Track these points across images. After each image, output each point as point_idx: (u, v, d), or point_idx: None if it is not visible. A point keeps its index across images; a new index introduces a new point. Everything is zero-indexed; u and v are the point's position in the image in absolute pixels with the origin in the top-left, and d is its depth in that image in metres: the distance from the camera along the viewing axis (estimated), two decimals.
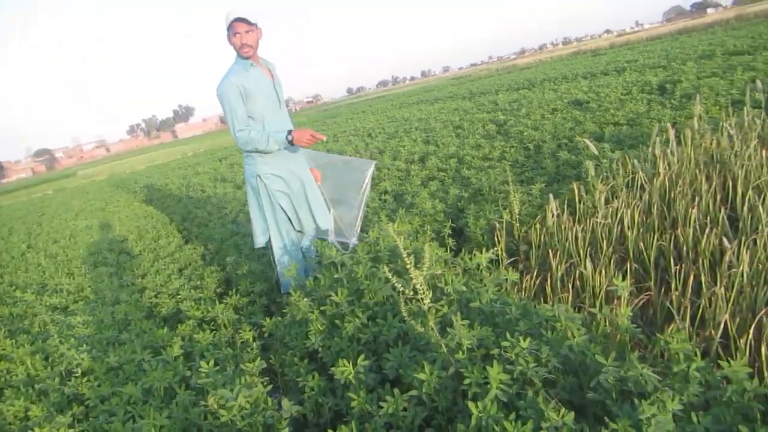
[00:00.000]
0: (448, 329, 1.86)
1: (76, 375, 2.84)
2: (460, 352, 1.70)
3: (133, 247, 6.41)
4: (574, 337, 1.61)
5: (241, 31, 3.09)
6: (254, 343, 2.98)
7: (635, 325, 1.69)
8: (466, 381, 1.60)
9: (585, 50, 42.94)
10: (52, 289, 5.27)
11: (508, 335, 1.63)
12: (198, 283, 4.32)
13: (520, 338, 1.60)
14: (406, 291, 1.97)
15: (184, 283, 4.33)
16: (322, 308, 2.58)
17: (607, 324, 1.85)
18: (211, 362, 2.37)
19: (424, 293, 1.90)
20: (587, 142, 3.62)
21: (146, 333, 3.35)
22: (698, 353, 1.41)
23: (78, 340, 3.38)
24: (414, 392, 1.71)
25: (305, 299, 2.62)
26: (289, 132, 3.17)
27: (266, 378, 2.42)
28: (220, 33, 3.20)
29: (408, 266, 1.91)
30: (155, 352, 2.93)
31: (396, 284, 1.99)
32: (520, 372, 1.55)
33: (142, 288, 4.53)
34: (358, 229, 3.72)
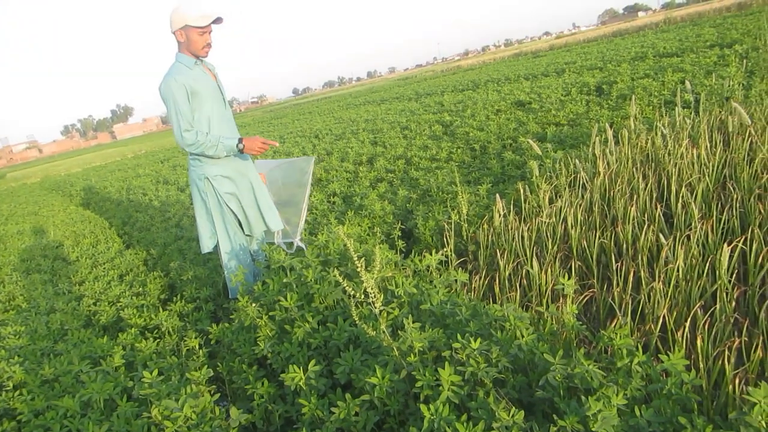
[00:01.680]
0: (399, 332, 1.86)
1: (7, 389, 2.69)
2: (411, 355, 1.71)
3: (70, 253, 6.12)
4: (523, 336, 1.64)
5: (209, 30, 3.02)
6: (201, 351, 2.89)
7: (580, 323, 1.74)
8: (419, 384, 1.61)
9: (526, 52, 43.96)
10: None
11: (459, 336, 1.64)
12: (140, 289, 4.18)
13: (471, 339, 1.61)
14: (358, 294, 1.96)
15: (125, 289, 4.17)
16: (271, 313, 2.53)
17: (554, 322, 1.89)
18: (155, 372, 2.29)
19: (375, 296, 1.89)
20: (531, 142, 3.71)
21: (84, 343, 3.20)
22: (639, 348, 1.46)
23: (9, 351, 3.21)
24: (366, 397, 1.71)
25: (253, 305, 2.57)
26: (240, 140, 3.11)
27: (213, 386, 2.36)
28: (164, 28, 3.10)
29: (359, 269, 1.91)
30: (94, 362, 2.81)
31: (347, 288, 1.98)
32: (471, 373, 1.56)
33: (79, 295, 4.34)
34: (302, 228, 3.68)
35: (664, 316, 1.94)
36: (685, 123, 3.81)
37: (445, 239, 3.18)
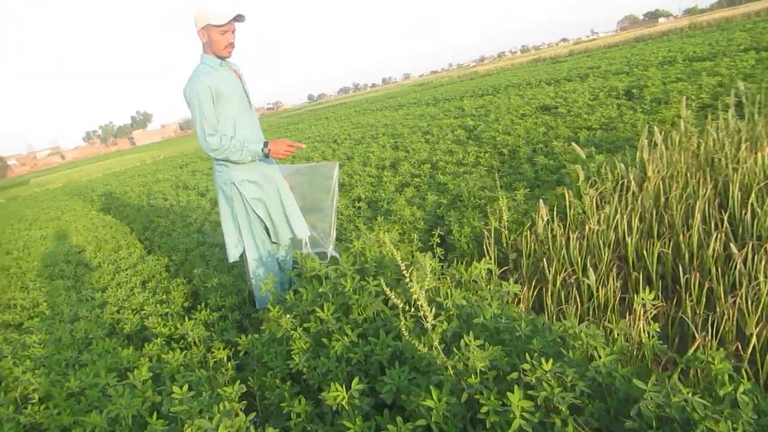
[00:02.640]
0: (454, 349, 1.69)
1: (33, 402, 2.59)
2: (472, 375, 1.53)
3: (92, 259, 6.04)
4: (600, 357, 1.45)
5: (231, 29, 2.90)
6: (229, 363, 2.74)
7: (661, 342, 1.55)
8: (484, 409, 1.43)
9: (545, 57, 43.67)
10: (4, 305, 4.93)
11: (527, 356, 1.47)
12: (163, 297, 4.06)
13: (542, 360, 1.44)
14: (407, 307, 1.80)
15: (149, 297, 4.06)
16: (305, 325, 2.37)
17: (625, 340, 1.70)
18: (185, 387, 2.15)
19: (425, 309, 1.73)
20: (575, 146, 3.52)
21: (109, 353, 3.08)
22: (745, 374, 1.27)
23: (34, 361, 3.10)
24: (422, 422, 1.53)
25: (287, 316, 2.41)
26: (265, 144, 2.97)
27: (245, 402, 2.21)
28: (182, 36, 2.99)
29: (407, 280, 1.74)
30: (120, 374, 2.68)
31: (394, 298, 1.82)
32: (545, 398, 1.38)
33: (102, 303, 4.23)
34: (334, 236, 3.54)
35: (749, 336, 1.74)
36: (738, 126, 3.59)
37: (485, 247, 3.00)
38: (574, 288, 2.45)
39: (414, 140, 8.98)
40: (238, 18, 2.94)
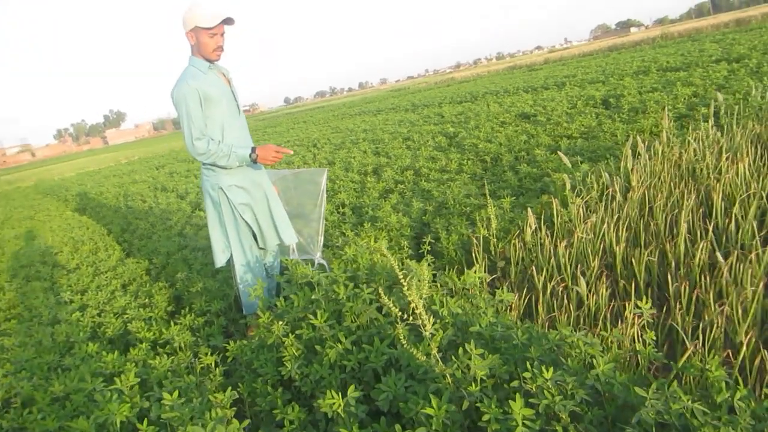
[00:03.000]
0: (453, 357, 1.71)
1: (15, 406, 2.53)
2: (473, 383, 1.55)
3: (69, 260, 5.92)
4: (599, 365, 1.48)
5: (220, 32, 2.87)
6: (217, 370, 2.72)
7: (656, 350, 1.59)
8: (485, 417, 1.45)
9: (521, 65, 44.15)
10: None
11: (528, 365, 1.49)
12: (146, 300, 4.00)
13: (543, 368, 1.46)
14: (395, 314, 1.80)
15: (131, 300, 3.99)
16: (297, 332, 2.36)
17: (618, 347, 1.74)
18: (175, 393, 2.12)
19: (424, 317, 1.74)
20: (561, 155, 3.58)
21: (92, 357, 3.03)
22: (740, 380, 1.31)
23: (15, 365, 3.03)
24: (423, 430, 1.54)
25: (279, 322, 2.40)
26: (253, 149, 2.95)
27: (234, 408, 2.19)
28: (159, 37, 2.96)
29: (406, 288, 1.75)
30: (106, 379, 2.63)
31: (391, 306, 1.83)
32: (546, 406, 1.41)
33: (82, 305, 4.15)
34: (321, 243, 3.54)
35: (738, 343, 1.79)
36: (718, 137, 3.69)
37: (473, 255, 3.02)
38: (560, 296, 2.49)
39: (395, 146, 9.00)
40: (227, 21, 2.92)
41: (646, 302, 1.68)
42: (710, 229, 2.59)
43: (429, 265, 3.21)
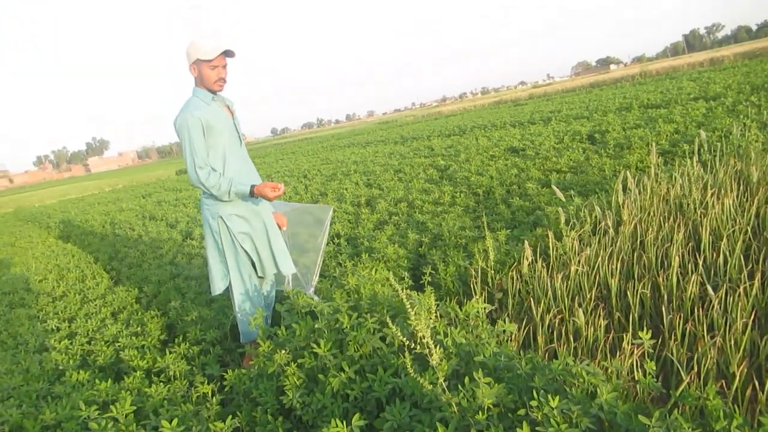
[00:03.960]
0: (459, 386, 1.74)
1: None
2: (480, 412, 1.58)
3: (55, 288, 5.86)
4: (602, 394, 1.53)
5: (221, 64, 2.95)
6: (213, 398, 2.71)
7: (655, 379, 1.64)
8: None
9: (506, 100, 45.03)
10: None
11: (534, 394, 1.53)
12: (138, 329, 3.97)
13: (549, 396, 1.50)
14: (397, 343, 1.84)
15: (122, 328, 3.96)
16: (299, 361, 2.38)
17: (618, 377, 1.79)
18: (175, 422, 2.13)
19: (431, 346, 1.78)
20: (555, 189, 3.67)
21: (84, 385, 3.00)
22: (737, 410, 1.37)
23: (2, 392, 2.99)
24: None
25: (281, 350, 2.42)
26: (252, 188, 2.99)
27: None
28: (144, 64, 3.03)
29: (412, 317, 1.80)
30: (99, 407, 2.60)
31: (399, 336, 1.87)
32: None
33: (71, 333, 4.11)
34: (317, 278, 3.57)
35: (731, 373, 1.86)
36: (702, 173, 3.83)
37: (471, 286, 3.08)
38: (556, 327, 2.54)
39: (387, 178, 9.10)
40: (228, 53, 3.00)
41: (648, 333, 1.74)
42: (700, 262, 2.68)
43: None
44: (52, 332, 4.27)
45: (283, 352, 2.42)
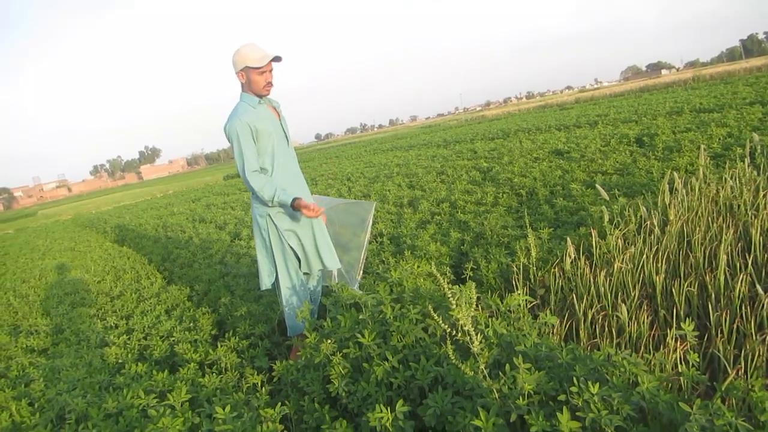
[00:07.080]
0: (500, 373, 1.78)
1: (69, 422, 2.64)
2: (521, 398, 1.62)
3: (113, 288, 6.14)
4: (644, 382, 1.54)
5: (268, 69, 3.07)
6: (263, 388, 2.82)
7: (699, 372, 1.64)
8: (533, 429, 1.52)
9: (552, 104, 44.36)
10: (26, 331, 4.99)
11: (575, 380, 1.56)
12: (190, 324, 4.14)
13: (589, 383, 1.53)
14: (440, 333, 1.89)
15: (175, 324, 4.14)
16: (344, 351, 2.46)
17: (661, 371, 1.79)
18: (228, 408, 2.23)
19: (472, 335, 1.83)
20: (599, 188, 3.65)
21: (142, 377, 3.15)
22: None
23: (68, 383, 3.17)
24: None
25: (327, 341, 2.50)
26: (294, 200, 3.07)
27: (282, 426, 2.28)
28: (192, 75, 3.15)
29: (454, 306, 1.85)
30: (157, 397, 2.74)
31: (442, 325, 1.92)
32: (592, 420, 1.47)
33: (128, 329, 4.32)
34: (360, 274, 3.64)
35: None
36: (754, 175, 3.75)
37: (513, 282, 3.10)
38: (598, 322, 2.54)
39: (429, 180, 9.16)
40: (276, 59, 3.12)
41: (692, 325, 1.74)
42: (749, 262, 2.63)
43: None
44: (111, 329, 4.49)
45: (329, 342, 2.50)
